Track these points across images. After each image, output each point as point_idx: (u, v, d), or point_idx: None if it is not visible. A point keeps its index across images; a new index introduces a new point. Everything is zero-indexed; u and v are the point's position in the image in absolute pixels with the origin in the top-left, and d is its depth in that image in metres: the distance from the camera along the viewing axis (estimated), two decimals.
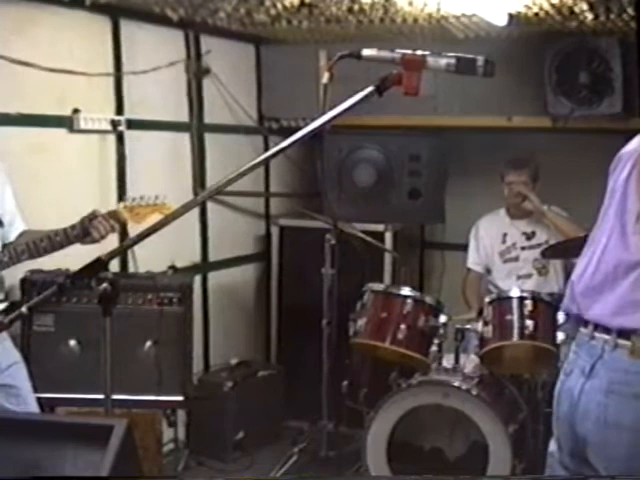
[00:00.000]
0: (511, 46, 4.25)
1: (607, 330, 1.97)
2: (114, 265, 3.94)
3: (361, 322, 3.73)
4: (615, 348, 1.95)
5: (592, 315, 2.03)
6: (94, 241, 3.03)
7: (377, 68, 1.69)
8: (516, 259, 4.50)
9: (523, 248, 4.49)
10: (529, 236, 4.49)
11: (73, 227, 3.01)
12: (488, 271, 4.60)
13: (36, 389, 3.18)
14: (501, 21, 3.80)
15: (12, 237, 3.11)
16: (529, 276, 4.46)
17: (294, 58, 4.85)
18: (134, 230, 3.06)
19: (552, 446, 2.18)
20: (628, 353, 1.92)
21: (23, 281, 3.44)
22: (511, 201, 4.46)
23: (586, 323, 2.05)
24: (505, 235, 4.53)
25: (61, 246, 3.03)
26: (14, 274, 3.30)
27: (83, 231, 3.00)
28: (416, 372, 3.72)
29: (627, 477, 1.90)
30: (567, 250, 3.74)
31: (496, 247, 4.54)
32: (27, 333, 3.45)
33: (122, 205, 3.11)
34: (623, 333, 1.94)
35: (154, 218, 3.03)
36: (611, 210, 2.06)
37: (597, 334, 2.00)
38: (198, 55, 4.54)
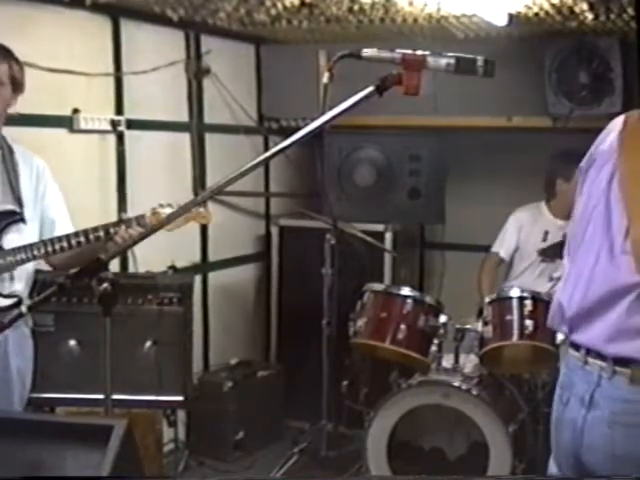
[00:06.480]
0: (511, 46, 4.26)
1: (601, 357, 1.87)
2: (114, 265, 3.94)
3: (361, 322, 3.73)
4: (613, 375, 1.85)
5: (585, 340, 1.92)
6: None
7: (377, 68, 1.68)
8: (553, 260, 4.33)
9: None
10: None
11: (95, 229, 2.86)
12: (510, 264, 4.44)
13: (36, 389, 3.17)
14: (501, 21, 3.81)
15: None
16: (560, 279, 4.32)
17: (294, 58, 4.85)
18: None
19: (552, 469, 2.10)
20: (627, 381, 1.82)
21: None
22: (561, 208, 4.19)
23: (577, 347, 1.95)
24: (547, 233, 4.34)
25: (79, 246, 2.85)
26: None
27: (105, 235, 2.83)
28: (416, 372, 3.72)
29: (625, 477, 1.89)
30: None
31: (537, 244, 4.36)
32: None
33: (151, 211, 2.98)
34: (620, 361, 1.83)
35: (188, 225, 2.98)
36: (596, 224, 1.92)
37: (590, 359, 1.90)
38: (198, 55, 4.54)
